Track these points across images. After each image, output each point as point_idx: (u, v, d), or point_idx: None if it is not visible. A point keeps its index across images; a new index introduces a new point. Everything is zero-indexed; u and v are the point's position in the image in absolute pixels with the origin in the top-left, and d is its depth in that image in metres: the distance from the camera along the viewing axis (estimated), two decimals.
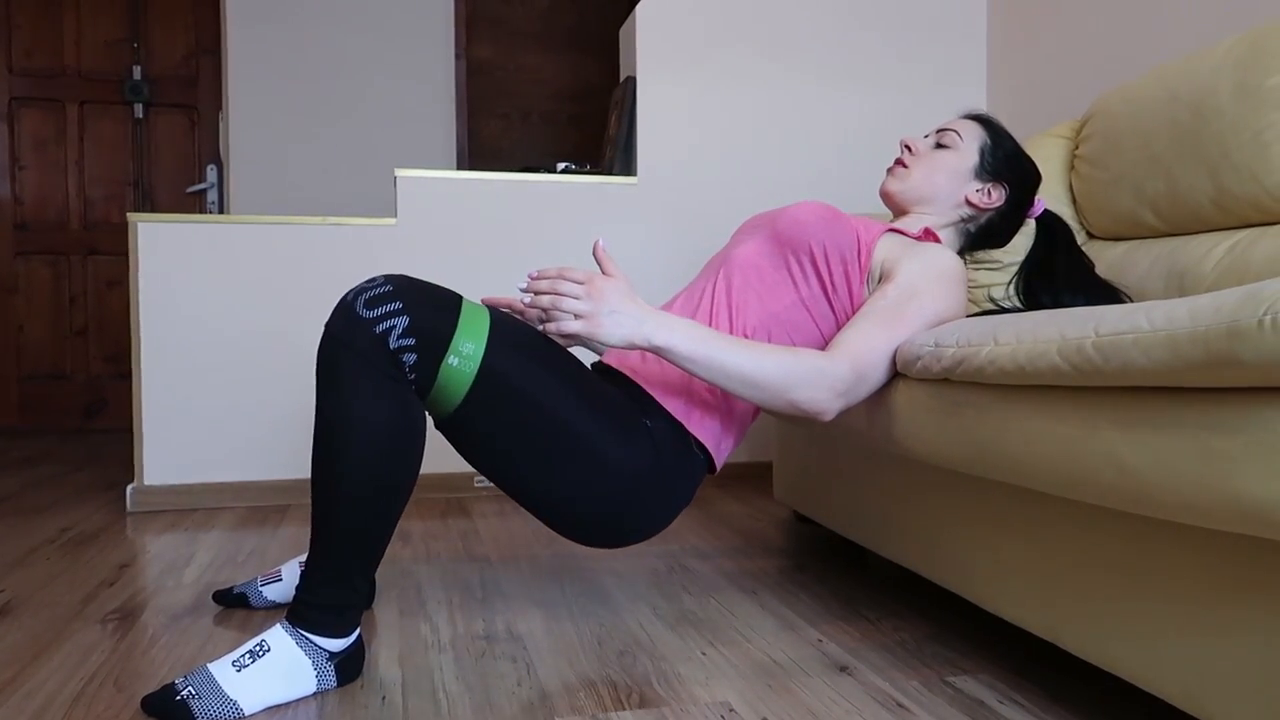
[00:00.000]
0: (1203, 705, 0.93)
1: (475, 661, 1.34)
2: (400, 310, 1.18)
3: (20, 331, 4.15)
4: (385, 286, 1.20)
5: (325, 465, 1.19)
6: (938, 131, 1.54)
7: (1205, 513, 0.82)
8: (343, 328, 1.18)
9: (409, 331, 1.17)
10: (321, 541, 1.21)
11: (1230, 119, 1.50)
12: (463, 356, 1.20)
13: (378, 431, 1.18)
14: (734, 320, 1.39)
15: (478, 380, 1.21)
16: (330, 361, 1.19)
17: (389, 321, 1.17)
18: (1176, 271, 1.59)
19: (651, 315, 1.23)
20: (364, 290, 1.20)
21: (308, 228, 2.50)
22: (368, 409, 1.17)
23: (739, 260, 1.44)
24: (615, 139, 2.79)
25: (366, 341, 1.17)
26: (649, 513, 1.34)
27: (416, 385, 1.21)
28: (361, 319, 1.17)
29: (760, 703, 1.20)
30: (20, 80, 4.10)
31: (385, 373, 1.17)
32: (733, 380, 1.23)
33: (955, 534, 1.37)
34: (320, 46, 3.73)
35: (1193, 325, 0.79)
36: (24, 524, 2.23)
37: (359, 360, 1.17)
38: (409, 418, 1.20)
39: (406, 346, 1.17)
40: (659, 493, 1.33)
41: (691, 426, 1.36)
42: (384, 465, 1.19)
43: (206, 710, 1.13)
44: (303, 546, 2.00)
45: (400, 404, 1.19)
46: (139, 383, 2.41)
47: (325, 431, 1.19)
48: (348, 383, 1.17)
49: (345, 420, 1.17)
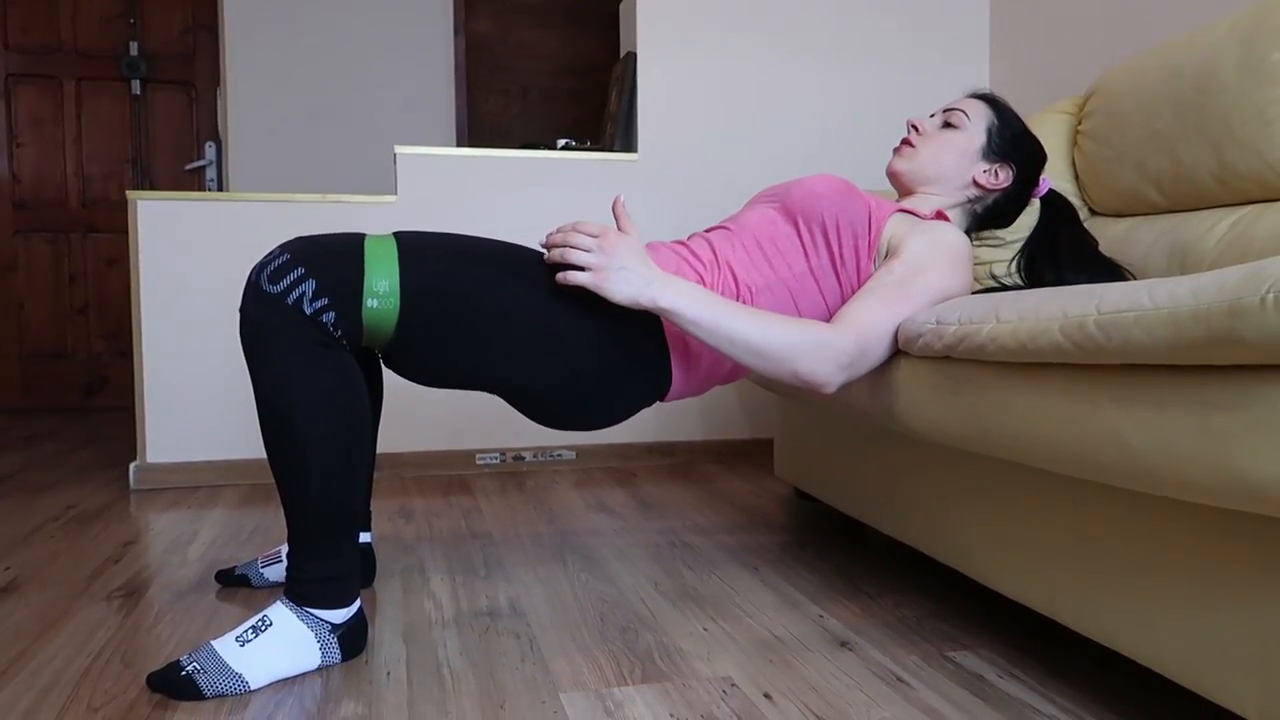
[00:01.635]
0: (1201, 680, 0.94)
1: (479, 637, 1.35)
2: (305, 275, 1.17)
3: (21, 310, 4.15)
4: (283, 256, 1.19)
5: (280, 447, 1.19)
6: (944, 111, 1.53)
7: (1206, 490, 0.83)
8: (256, 307, 1.18)
9: (319, 292, 1.17)
10: (297, 520, 1.21)
11: (1234, 94, 1.49)
12: (379, 295, 1.20)
13: (321, 402, 1.18)
14: (739, 281, 1.38)
15: (403, 308, 1.21)
16: (255, 344, 1.18)
17: (297, 289, 1.17)
18: (1179, 248, 1.59)
19: (659, 276, 1.23)
20: (265, 265, 1.19)
21: (308, 205, 2.50)
22: (305, 383, 1.17)
23: (750, 223, 1.44)
24: (616, 115, 2.77)
25: (282, 315, 1.16)
26: (610, 388, 1.33)
27: (346, 340, 1.20)
28: (270, 295, 1.17)
29: (761, 677, 1.21)
30: (16, 57, 4.08)
31: (311, 339, 1.17)
32: (736, 347, 1.23)
33: (955, 510, 1.38)
34: (318, 22, 3.70)
35: (1195, 303, 0.79)
36: (27, 502, 2.24)
37: (281, 335, 1.17)
38: (347, 378, 1.21)
39: (321, 308, 1.17)
40: (619, 365, 1.32)
41: (670, 341, 1.36)
42: (337, 429, 1.19)
43: (213, 685, 1.14)
44: None
45: (334, 367, 1.19)
46: (140, 361, 2.41)
47: (271, 414, 1.19)
48: (278, 361, 1.17)
49: (286, 398, 1.17)
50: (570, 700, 1.14)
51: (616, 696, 1.15)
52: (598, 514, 2.11)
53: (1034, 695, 1.15)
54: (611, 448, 2.73)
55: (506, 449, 2.67)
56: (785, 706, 1.12)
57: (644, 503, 2.22)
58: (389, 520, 2.06)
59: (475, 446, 2.65)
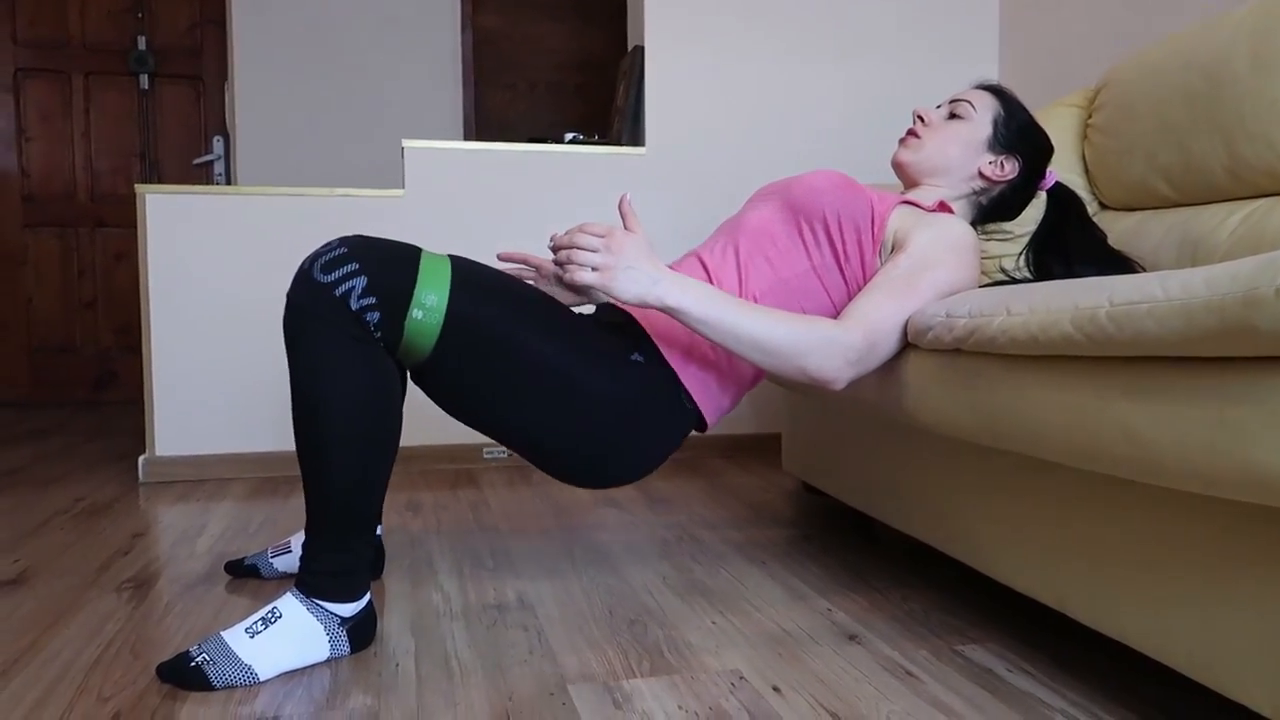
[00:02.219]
0: (1213, 673, 0.93)
1: (487, 630, 1.35)
2: (358, 270, 1.18)
3: (30, 304, 4.16)
4: (340, 249, 1.20)
5: (308, 436, 1.20)
6: (951, 102, 1.52)
7: (1219, 483, 0.82)
8: (303, 295, 1.18)
9: (368, 290, 1.17)
10: (316, 511, 1.22)
11: (1245, 87, 1.48)
12: (426, 309, 1.20)
13: (353, 395, 1.18)
14: (743, 284, 1.38)
15: (445, 329, 1.21)
16: (296, 331, 1.19)
17: (348, 283, 1.17)
18: (1190, 241, 1.58)
19: (666, 275, 1.23)
20: (320, 255, 1.19)
21: (316, 199, 2.50)
22: (340, 375, 1.18)
23: (751, 225, 1.43)
24: (623, 109, 2.77)
25: (328, 306, 1.17)
26: (630, 450, 1.34)
27: (384, 342, 1.21)
28: (320, 284, 1.17)
29: (770, 671, 1.20)
30: (25, 51, 4.09)
31: (351, 335, 1.18)
32: (744, 344, 1.23)
33: (964, 504, 1.37)
34: (326, 16, 3.70)
35: (1208, 294, 0.78)
36: (37, 495, 2.25)
37: (324, 326, 1.17)
38: (382, 376, 1.21)
39: (368, 305, 1.17)
40: (640, 431, 1.33)
41: (686, 379, 1.36)
42: (365, 427, 1.20)
43: (222, 676, 1.14)
44: None
45: (371, 364, 1.19)
46: (149, 354, 2.42)
47: (303, 402, 1.19)
48: (317, 350, 1.18)
49: (320, 389, 1.18)
50: (579, 692, 1.14)
51: (625, 689, 1.15)
52: (605, 508, 2.11)
53: (1044, 689, 1.15)
54: None
55: None
56: (794, 700, 1.12)
57: (652, 497, 2.22)
58: (397, 513, 2.06)
59: (483, 441, 2.65)
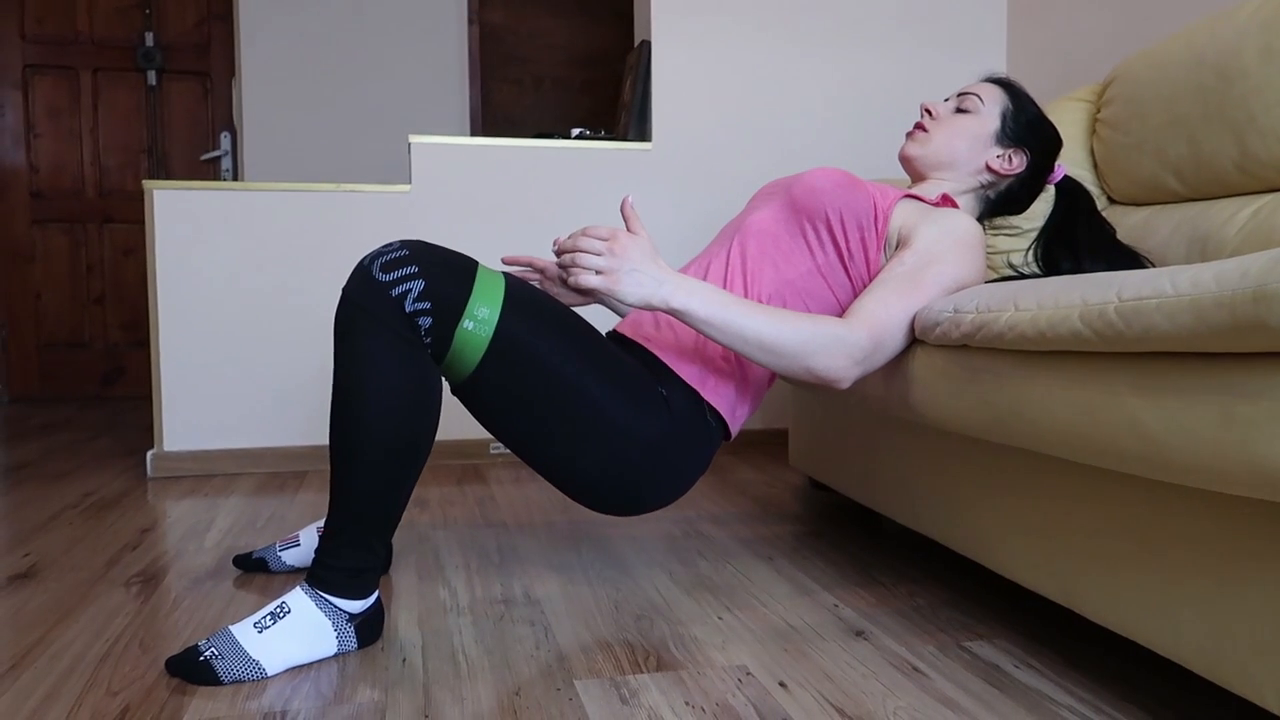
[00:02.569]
0: (1219, 669, 0.93)
1: (494, 625, 1.36)
2: (416, 274, 1.18)
3: (38, 300, 4.18)
4: (402, 251, 1.20)
5: (343, 429, 1.20)
6: (958, 95, 1.51)
7: (1227, 479, 0.82)
8: (360, 291, 1.19)
9: (425, 295, 1.18)
10: (341, 505, 1.22)
11: (1256, 81, 1.47)
12: (478, 320, 1.20)
13: (394, 394, 1.19)
14: (748, 286, 1.38)
15: (493, 344, 1.21)
16: (347, 325, 1.20)
17: (405, 285, 1.18)
18: (1199, 237, 1.57)
19: (671, 277, 1.23)
20: (381, 254, 1.20)
21: (323, 194, 2.50)
22: (385, 372, 1.18)
23: (754, 227, 1.43)
24: (630, 105, 2.77)
25: (383, 305, 1.17)
26: (664, 480, 1.35)
27: (432, 349, 1.21)
28: (378, 282, 1.18)
29: (776, 666, 1.20)
30: (33, 47, 4.10)
31: (401, 335, 1.18)
32: (750, 346, 1.23)
33: (971, 500, 1.37)
34: (332, 12, 3.70)
35: (1218, 290, 0.78)
36: (46, 490, 2.26)
37: (375, 324, 1.18)
38: (425, 380, 1.21)
39: (422, 310, 1.18)
40: (674, 460, 1.34)
41: (706, 394, 1.36)
42: (401, 428, 1.20)
43: (230, 671, 1.15)
44: (321, 512, 2.02)
45: (416, 367, 1.20)
46: (157, 350, 2.43)
47: (343, 395, 1.20)
48: (364, 346, 1.18)
49: (362, 383, 1.18)
50: (585, 687, 1.14)
51: (631, 684, 1.15)
52: None
53: (1050, 685, 1.15)
54: None
55: None
56: (800, 695, 1.12)
57: None
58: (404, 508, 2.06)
59: (490, 436, 2.66)
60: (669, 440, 1.32)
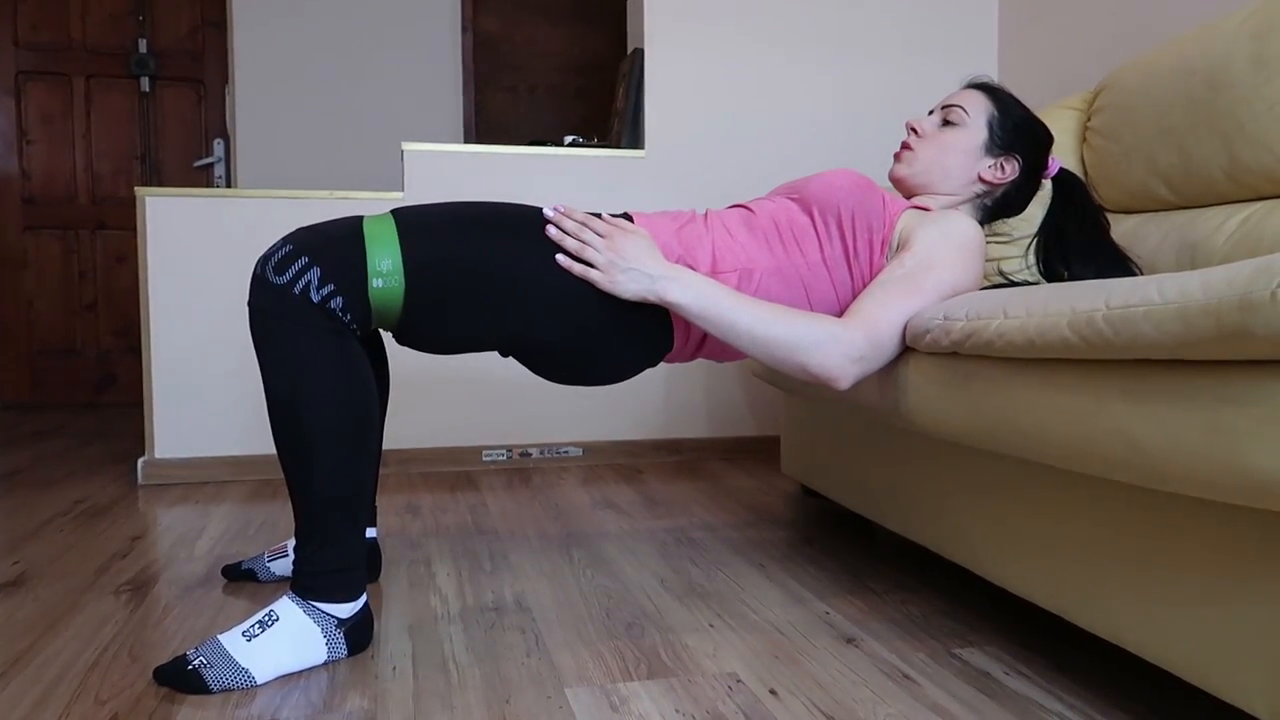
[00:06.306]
0: (1209, 677, 0.93)
1: (485, 632, 1.35)
2: (309, 264, 1.19)
3: (30, 307, 4.17)
4: (286, 247, 1.21)
5: (289, 437, 1.20)
6: (943, 108, 1.50)
7: (1215, 486, 0.82)
8: (266, 299, 1.19)
9: (325, 279, 1.18)
10: (305, 513, 1.22)
11: (1245, 90, 1.48)
12: (384, 274, 1.21)
13: (332, 388, 1.19)
14: (748, 255, 1.37)
15: (409, 285, 1.22)
16: (265, 336, 1.20)
17: (303, 278, 1.18)
18: (1188, 244, 1.58)
19: (666, 272, 1.24)
20: (269, 258, 1.20)
21: (316, 202, 2.50)
22: (314, 372, 1.18)
23: (769, 208, 1.43)
24: (623, 112, 2.77)
25: (292, 305, 1.18)
26: (614, 342, 1.33)
27: (356, 323, 1.21)
28: (278, 286, 1.18)
29: (767, 673, 1.20)
30: (26, 54, 4.09)
31: (321, 327, 1.19)
32: (744, 340, 1.24)
33: (962, 507, 1.37)
34: (326, 19, 3.71)
35: (1205, 298, 0.78)
36: (36, 497, 2.25)
37: (295, 324, 1.18)
38: (355, 367, 1.22)
39: (329, 294, 1.18)
40: (624, 317, 1.32)
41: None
42: (345, 422, 1.20)
43: (219, 679, 1.14)
44: None
45: (343, 356, 1.20)
46: (149, 357, 2.42)
47: (280, 405, 1.20)
48: (288, 351, 1.18)
49: (296, 389, 1.18)
50: (575, 695, 1.14)
51: (622, 692, 1.15)
52: (604, 510, 2.11)
53: (1041, 692, 1.15)
54: (618, 445, 2.73)
55: (513, 445, 2.67)
56: (791, 702, 1.12)
57: (650, 499, 2.22)
58: (396, 516, 2.06)
59: (482, 443, 2.65)
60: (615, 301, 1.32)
